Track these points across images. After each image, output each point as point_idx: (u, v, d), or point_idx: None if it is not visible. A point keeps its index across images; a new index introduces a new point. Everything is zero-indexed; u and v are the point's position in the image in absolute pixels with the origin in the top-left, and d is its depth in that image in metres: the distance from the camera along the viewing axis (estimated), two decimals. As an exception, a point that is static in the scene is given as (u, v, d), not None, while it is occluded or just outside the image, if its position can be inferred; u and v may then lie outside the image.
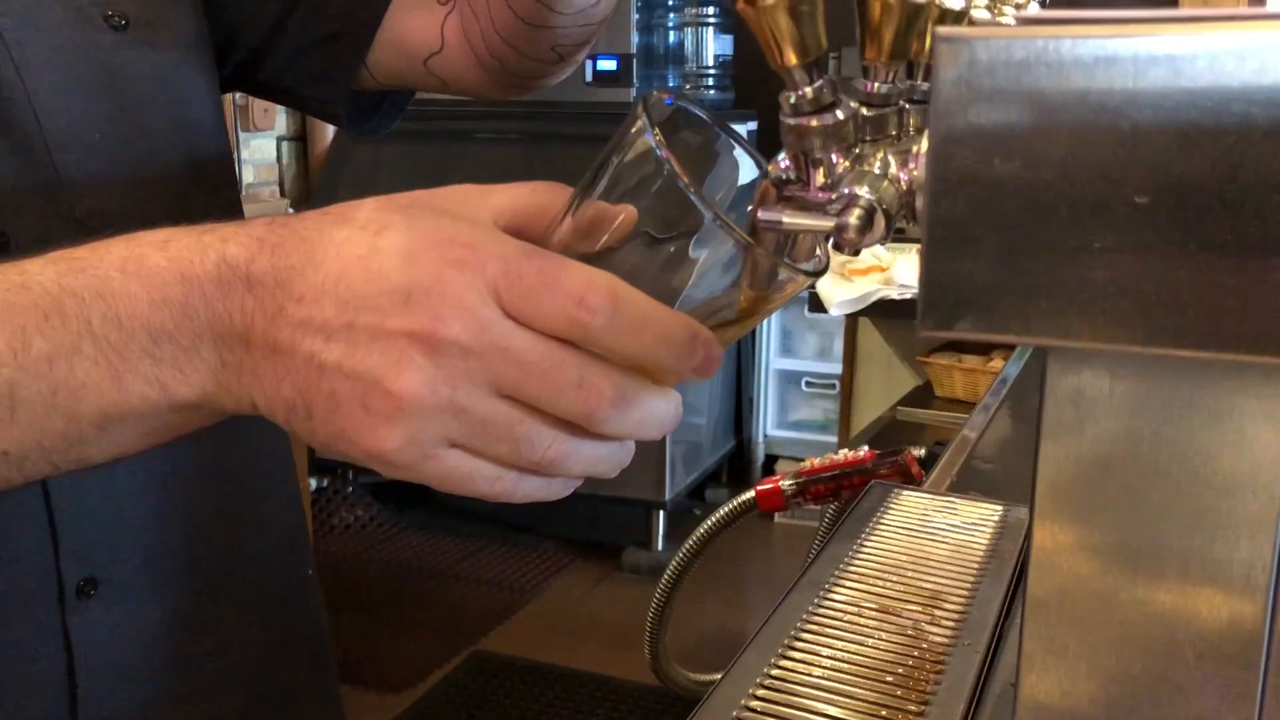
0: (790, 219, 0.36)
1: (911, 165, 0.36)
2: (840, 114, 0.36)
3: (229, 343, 0.38)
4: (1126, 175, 0.31)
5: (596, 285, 0.35)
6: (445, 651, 2.69)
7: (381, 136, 0.80)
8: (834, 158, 0.37)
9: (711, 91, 3.06)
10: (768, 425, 3.44)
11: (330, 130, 3.22)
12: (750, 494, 1.14)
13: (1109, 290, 0.31)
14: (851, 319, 2.50)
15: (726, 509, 1.16)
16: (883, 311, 1.95)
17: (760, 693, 0.62)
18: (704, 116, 0.42)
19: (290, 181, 3.28)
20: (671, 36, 3.06)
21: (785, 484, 1.12)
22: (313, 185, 3.26)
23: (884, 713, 0.60)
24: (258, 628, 0.74)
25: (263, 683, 0.74)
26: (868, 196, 0.35)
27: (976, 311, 0.33)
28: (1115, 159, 0.31)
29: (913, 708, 0.61)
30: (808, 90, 0.35)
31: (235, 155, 2.83)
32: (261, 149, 3.15)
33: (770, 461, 3.41)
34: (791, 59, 0.34)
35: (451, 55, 0.70)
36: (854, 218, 0.34)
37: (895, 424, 1.79)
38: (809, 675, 0.63)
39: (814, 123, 0.36)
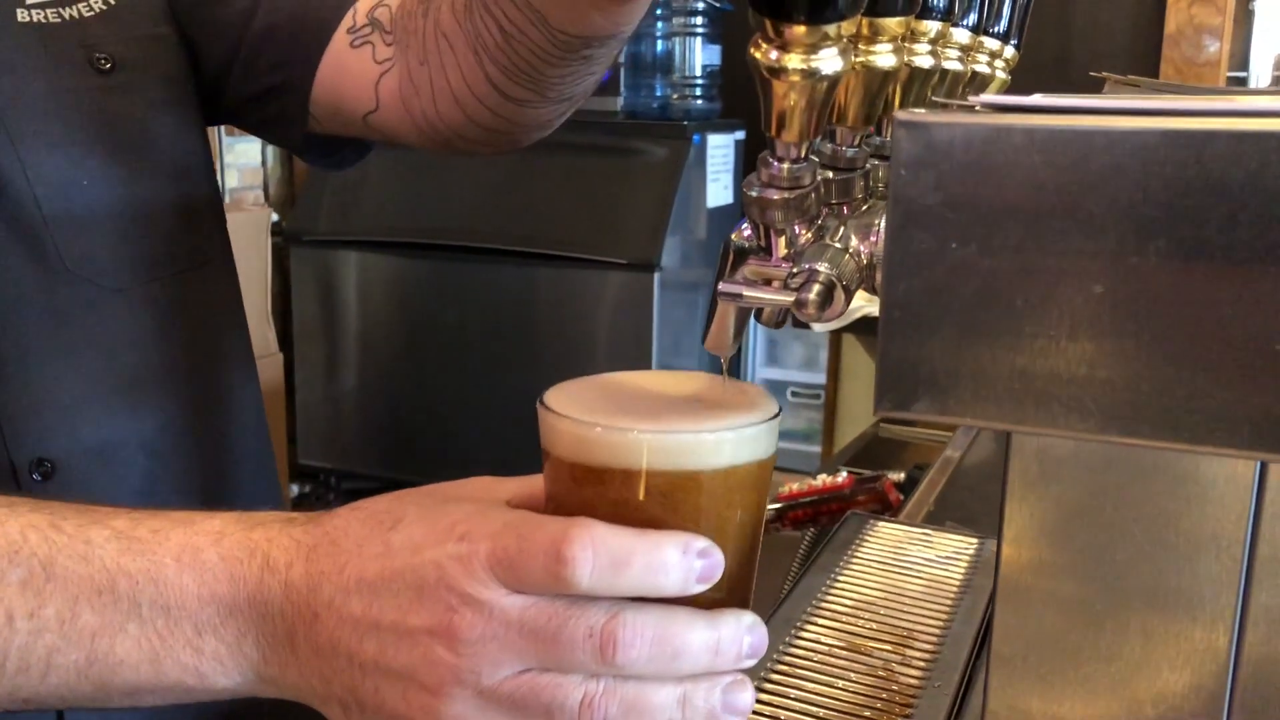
0: (750, 293, 0.36)
1: (872, 239, 0.36)
2: (805, 189, 0.36)
3: (273, 644, 0.41)
4: (1083, 264, 0.31)
5: (569, 536, 0.36)
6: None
7: (347, 171, 0.79)
8: (796, 229, 0.37)
9: (699, 101, 3.06)
10: (752, 434, 3.43)
11: (316, 135, 3.20)
12: (728, 518, 1.14)
13: (1063, 379, 0.31)
14: (836, 334, 2.51)
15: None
16: (867, 328, 1.96)
17: (729, 737, 0.62)
18: None
19: (274, 186, 3.27)
20: (659, 46, 3.06)
21: (763, 509, 1.13)
22: (297, 191, 3.25)
23: (852, 758, 0.60)
24: None
25: None
26: (827, 272, 0.35)
27: (932, 394, 0.33)
28: (1071, 248, 0.31)
29: (881, 752, 0.61)
30: (786, 166, 0.35)
31: (219, 161, 2.81)
32: (246, 153, 3.13)
33: (755, 471, 3.40)
34: (790, 137, 0.34)
35: (388, 115, 0.69)
36: (813, 294, 0.34)
37: (877, 441, 1.79)
38: (777, 718, 0.63)
39: (776, 196, 0.35)
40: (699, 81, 3.02)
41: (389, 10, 0.68)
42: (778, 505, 1.12)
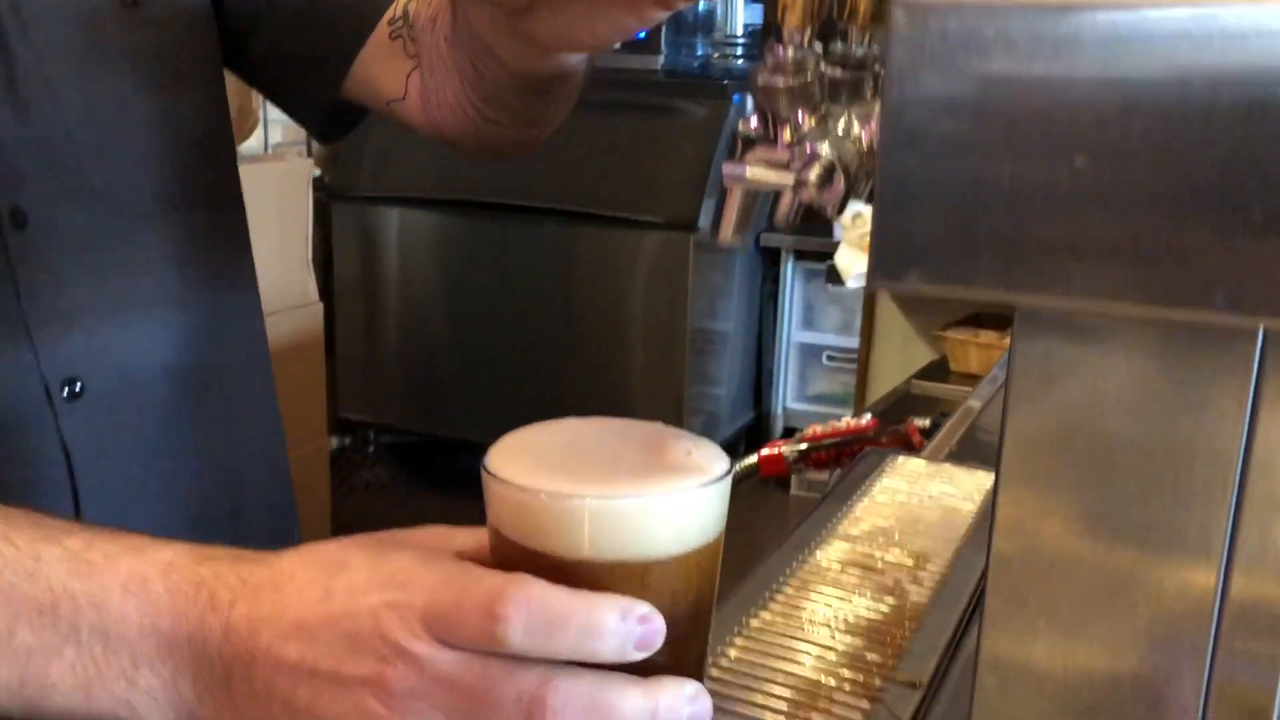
0: (753, 173, 0.37)
1: (872, 124, 0.38)
2: (808, 76, 0.37)
3: (209, 685, 0.41)
4: (1066, 138, 0.32)
5: (504, 594, 0.36)
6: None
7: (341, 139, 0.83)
8: (800, 116, 0.38)
9: (740, 60, 3.05)
10: (787, 398, 3.44)
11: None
12: (753, 459, 1.16)
13: (1051, 249, 0.32)
14: (870, 298, 2.50)
15: (729, 473, 1.18)
16: (899, 285, 1.95)
17: (739, 642, 0.64)
18: None
19: (317, 143, 3.30)
20: (701, 4, 3.06)
21: (787, 450, 1.14)
22: (338, 147, 3.28)
23: (858, 665, 0.62)
24: None
25: None
26: (827, 154, 0.36)
27: (924, 266, 0.34)
28: (1056, 122, 0.32)
29: (887, 660, 0.63)
30: (790, 53, 0.37)
31: (262, 114, 2.84)
32: (291, 109, 3.17)
33: (789, 434, 3.41)
34: (794, 21, 0.36)
35: (410, 107, 0.72)
36: (814, 174, 0.36)
37: (908, 396, 1.80)
38: (787, 627, 0.65)
39: (780, 83, 0.37)
40: (740, 40, 3.02)
41: (415, 6, 0.71)
42: (802, 447, 1.14)
